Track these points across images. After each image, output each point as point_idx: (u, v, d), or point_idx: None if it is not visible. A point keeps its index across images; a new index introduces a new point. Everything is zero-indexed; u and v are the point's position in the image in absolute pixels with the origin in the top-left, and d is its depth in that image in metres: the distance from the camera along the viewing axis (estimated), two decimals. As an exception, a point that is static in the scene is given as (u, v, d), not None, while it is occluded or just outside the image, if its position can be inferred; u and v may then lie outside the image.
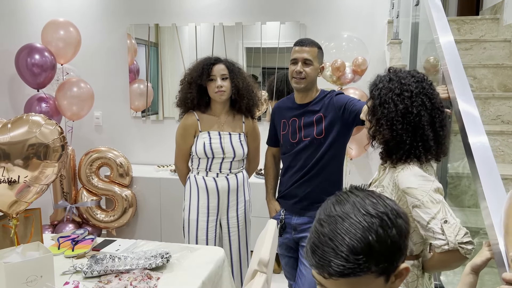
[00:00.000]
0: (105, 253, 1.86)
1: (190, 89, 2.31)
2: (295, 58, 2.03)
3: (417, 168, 1.33)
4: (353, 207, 0.81)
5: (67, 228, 3.39)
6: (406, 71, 1.40)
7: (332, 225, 0.80)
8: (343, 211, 0.81)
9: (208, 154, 2.30)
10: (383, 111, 1.37)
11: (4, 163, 1.48)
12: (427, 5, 1.89)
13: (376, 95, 1.39)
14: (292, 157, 2.11)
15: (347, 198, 0.84)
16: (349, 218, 0.79)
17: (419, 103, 1.33)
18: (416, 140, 1.34)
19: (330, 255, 0.77)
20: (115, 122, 4.00)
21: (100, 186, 3.45)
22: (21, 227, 1.65)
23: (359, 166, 3.61)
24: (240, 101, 2.34)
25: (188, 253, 1.92)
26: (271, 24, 3.61)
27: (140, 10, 3.81)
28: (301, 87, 2.04)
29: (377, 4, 3.44)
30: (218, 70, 2.27)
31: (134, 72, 3.91)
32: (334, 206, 0.83)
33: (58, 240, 2.01)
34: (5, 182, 1.48)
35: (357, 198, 0.83)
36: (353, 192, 0.85)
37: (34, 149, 1.50)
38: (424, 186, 1.29)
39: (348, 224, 0.78)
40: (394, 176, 1.37)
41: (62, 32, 3.40)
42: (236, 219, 2.41)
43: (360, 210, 0.80)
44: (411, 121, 1.34)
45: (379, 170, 1.49)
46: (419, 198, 1.28)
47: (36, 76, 3.23)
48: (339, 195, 0.85)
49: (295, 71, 2.02)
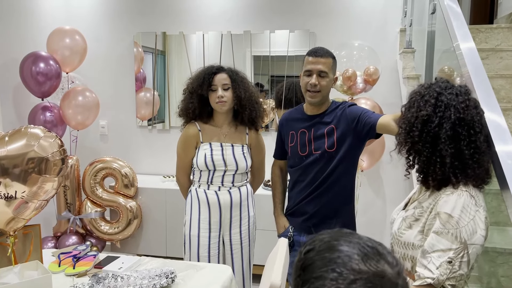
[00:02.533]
0: (107, 272, 1.77)
1: (192, 99, 2.22)
2: (310, 69, 1.90)
3: (469, 197, 1.21)
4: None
5: (71, 240, 3.32)
6: (450, 83, 1.31)
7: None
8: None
9: (209, 166, 2.20)
10: (407, 114, 1.32)
11: (1, 178, 1.40)
12: (445, 13, 1.80)
13: (409, 98, 1.34)
14: (301, 171, 2.01)
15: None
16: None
17: (443, 113, 1.24)
18: (435, 154, 1.25)
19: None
20: (121, 131, 3.93)
21: (105, 197, 3.38)
22: (19, 245, 1.57)
23: (371, 178, 3.51)
24: (242, 112, 2.23)
25: (194, 272, 1.84)
26: (280, 32, 3.54)
27: (147, 18, 3.76)
28: (316, 101, 1.93)
29: (388, 12, 3.36)
30: (220, 79, 2.17)
31: (140, 80, 3.85)
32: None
33: (59, 257, 1.93)
34: (1, 198, 1.40)
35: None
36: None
37: (33, 163, 1.42)
38: (461, 220, 1.18)
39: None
40: (438, 197, 1.26)
41: (68, 40, 3.35)
42: (239, 235, 2.30)
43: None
44: (430, 130, 1.25)
45: (420, 190, 1.39)
46: (447, 228, 1.18)
47: (40, 85, 3.18)
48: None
49: (310, 84, 1.89)
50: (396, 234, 1.36)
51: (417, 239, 1.28)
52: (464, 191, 1.22)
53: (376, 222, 3.44)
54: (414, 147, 1.30)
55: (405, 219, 1.36)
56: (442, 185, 1.27)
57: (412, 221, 1.32)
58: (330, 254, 0.72)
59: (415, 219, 1.31)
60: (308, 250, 0.76)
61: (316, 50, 1.93)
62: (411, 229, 1.31)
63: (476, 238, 1.17)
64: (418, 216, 1.31)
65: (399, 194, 3.47)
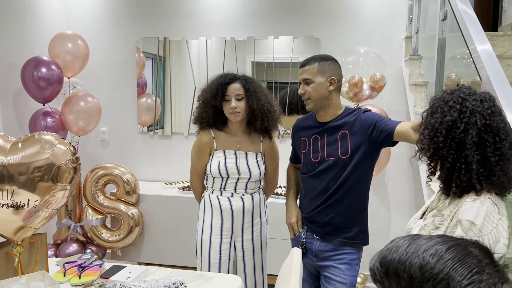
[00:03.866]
0: (114, 282, 1.72)
1: (206, 109, 2.21)
2: (299, 81, 1.95)
3: (492, 204, 1.19)
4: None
5: (71, 247, 3.26)
6: (473, 89, 1.29)
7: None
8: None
9: (222, 174, 2.18)
10: (430, 120, 1.29)
11: (12, 185, 1.36)
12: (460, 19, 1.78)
13: (431, 104, 1.32)
14: (313, 179, 1.97)
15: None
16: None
17: (468, 119, 1.22)
18: (460, 160, 1.23)
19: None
20: (122, 137, 3.88)
21: (106, 204, 3.32)
22: (25, 254, 1.52)
23: (375, 186, 3.47)
24: (254, 121, 2.21)
25: (204, 282, 1.79)
26: (284, 39, 3.52)
27: (149, 23, 3.73)
28: (309, 107, 1.93)
29: (393, 19, 3.35)
30: (233, 90, 2.15)
31: (142, 86, 3.81)
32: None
33: (64, 266, 1.87)
34: (12, 207, 1.35)
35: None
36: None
37: (46, 171, 1.39)
38: (484, 228, 1.15)
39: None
40: (460, 204, 1.23)
41: (70, 45, 3.31)
42: (251, 242, 2.28)
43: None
44: (455, 136, 1.23)
45: (439, 198, 1.36)
46: (469, 236, 1.15)
47: (42, 90, 3.13)
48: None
49: (299, 94, 1.94)
50: None
51: None
52: (487, 199, 1.19)
53: (381, 230, 3.41)
54: (438, 153, 1.27)
55: (423, 227, 1.33)
56: (464, 192, 1.24)
57: (432, 229, 1.29)
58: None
59: (435, 227, 1.29)
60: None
61: (303, 62, 1.94)
62: None
63: (499, 247, 1.15)
64: (438, 224, 1.28)
65: (404, 202, 3.45)
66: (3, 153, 1.39)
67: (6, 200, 1.36)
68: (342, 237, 1.92)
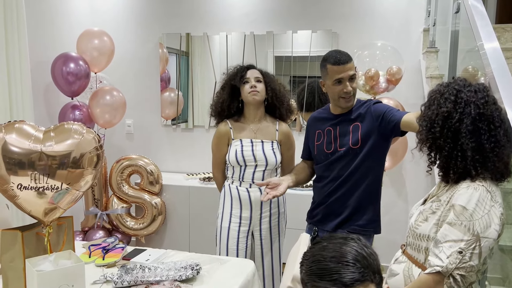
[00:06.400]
0: (135, 263, 1.85)
1: (223, 93, 2.34)
2: (341, 78, 1.90)
3: (485, 191, 1.24)
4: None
5: (98, 234, 3.43)
6: (468, 81, 1.35)
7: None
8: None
9: (240, 161, 2.28)
10: (427, 112, 1.36)
11: (48, 170, 1.51)
12: (469, 12, 1.81)
13: (428, 97, 1.39)
14: (326, 167, 2.03)
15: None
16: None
17: (463, 110, 1.27)
18: (456, 149, 1.28)
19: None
20: (146, 130, 4.03)
21: (131, 194, 3.48)
22: (53, 235, 1.65)
23: (393, 178, 3.50)
24: (275, 106, 2.36)
25: (218, 265, 1.89)
26: (302, 33, 3.57)
27: (172, 19, 3.85)
28: (352, 104, 1.97)
29: (412, 12, 3.35)
30: (252, 73, 2.31)
31: (165, 80, 3.94)
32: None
33: (89, 248, 2.02)
34: (47, 189, 1.51)
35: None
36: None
37: (76, 156, 1.54)
38: (476, 213, 1.21)
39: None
40: (455, 191, 1.29)
41: (96, 41, 3.46)
42: (269, 231, 2.37)
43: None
44: (451, 126, 1.29)
45: (439, 185, 1.42)
46: (460, 220, 1.21)
47: (70, 85, 3.29)
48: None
49: (345, 91, 1.91)
50: (413, 226, 1.41)
51: (432, 231, 1.32)
52: (480, 186, 1.25)
53: (398, 221, 3.43)
54: (436, 143, 1.33)
55: (422, 212, 1.40)
56: (461, 178, 1.30)
57: (429, 214, 1.36)
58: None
59: (432, 212, 1.35)
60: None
61: (339, 58, 1.90)
62: (427, 221, 1.34)
63: (490, 232, 1.20)
64: (435, 209, 1.35)
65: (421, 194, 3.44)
66: (38, 141, 1.54)
67: (42, 183, 1.53)
68: (354, 224, 1.98)
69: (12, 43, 2.92)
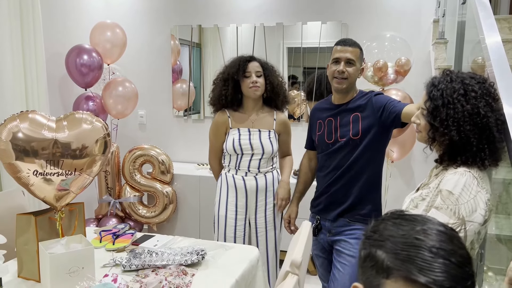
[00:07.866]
0: (143, 248, 1.92)
1: (226, 86, 2.38)
2: (338, 57, 1.96)
3: (471, 177, 1.26)
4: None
5: (111, 222, 3.53)
6: (465, 73, 1.36)
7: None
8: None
9: (237, 150, 2.34)
10: (448, 112, 1.32)
11: (61, 157, 1.60)
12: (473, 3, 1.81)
13: (438, 95, 1.35)
14: (327, 157, 2.08)
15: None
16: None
17: (485, 104, 1.29)
18: (482, 142, 1.30)
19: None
20: (158, 120, 4.11)
21: (143, 183, 3.56)
22: (65, 220, 1.74)
23: (401, 169, 3.51)
24: (276, 98, 2.42)
25: (223, 251, 1.95)
26: (312, 24, 3.58)
27: (183, 11, 3.90)
28: (342, 87, 1.98)
29: (422, 3, 3.33)
30: (253, 67, 2.34)
31: (177, 72, 4.00)
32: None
33: (100, 234, 2.10)
34: (61, 175, 1.60)
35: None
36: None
37: (87, 143, 1.63)
38: (461, 197, 1.24)
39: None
40: (443, 177, 1.32)
41: (109, 33, 3.53)
42: (264, 219, 2.42)
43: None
44: (478, 122, 1.29)
45: (430, 174, 1.45)
46: (446, 204, 1.24)
47: (84, 76, 3.38)
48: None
49: (337, 71, 1.96)
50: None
51: None
52: (467, 172, 1.27)
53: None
54: (464, 140, 1.31)
55: (413, 199, 1.43)
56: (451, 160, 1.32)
57: (419, 201, 1.39)
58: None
59: (421, 199, 1.38)
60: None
61: (345, 39, 2.01)
62: (417, 208, 1.37)
63: (475, 217, 1.23)
64: (424, 196, 1.38)
65: (430, 186, 3.46)
66: (51, 130, 1.62)
67: (57, 169, 1.62)
68: (357, 214, 2.02)
69: (27, 36, 3.01)
